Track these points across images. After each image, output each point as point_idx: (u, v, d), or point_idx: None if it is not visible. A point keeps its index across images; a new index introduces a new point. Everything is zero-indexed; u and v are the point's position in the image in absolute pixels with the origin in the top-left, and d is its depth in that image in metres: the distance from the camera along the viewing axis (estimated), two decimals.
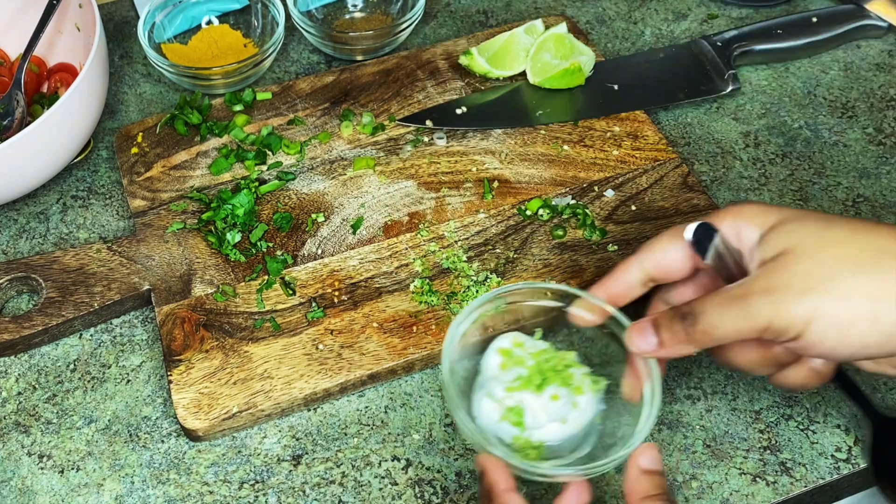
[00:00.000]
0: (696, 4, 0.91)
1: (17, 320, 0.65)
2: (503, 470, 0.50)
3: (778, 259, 0.48)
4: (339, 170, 0.74)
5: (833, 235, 0.48)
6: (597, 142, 0.76)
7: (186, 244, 0.70)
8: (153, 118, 0.79)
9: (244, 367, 0.62)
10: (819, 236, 0.48)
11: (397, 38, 0.85)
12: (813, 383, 0.52)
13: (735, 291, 0.49)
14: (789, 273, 0.47)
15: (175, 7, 0.85)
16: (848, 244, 0.48)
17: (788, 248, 0.48)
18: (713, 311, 0.49)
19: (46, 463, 0.60)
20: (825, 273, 0.47)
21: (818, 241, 0.48)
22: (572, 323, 0.57)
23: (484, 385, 0.55)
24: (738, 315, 0.48)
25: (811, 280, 0.47)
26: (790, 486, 0.58)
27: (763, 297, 0.47)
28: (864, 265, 0.47)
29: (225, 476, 0.59)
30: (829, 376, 0.52)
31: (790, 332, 0.47)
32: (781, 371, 0.52)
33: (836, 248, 0.48)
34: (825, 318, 0.46)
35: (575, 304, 0.57)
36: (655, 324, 0.52)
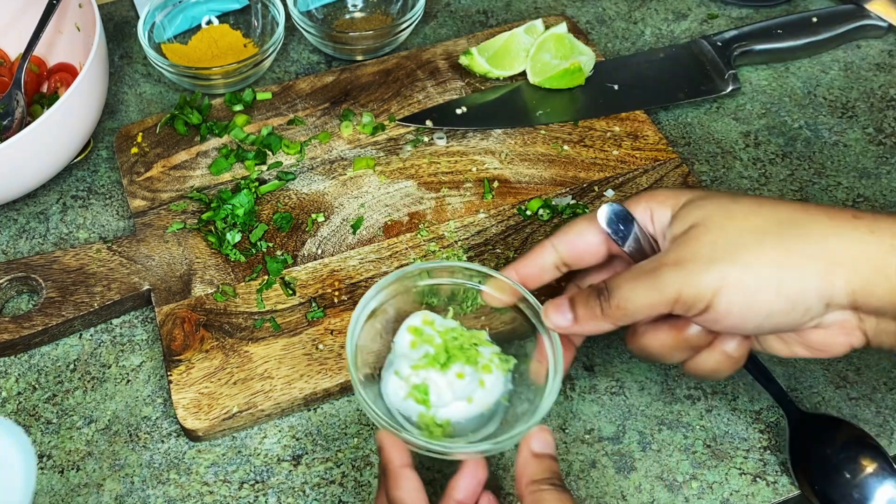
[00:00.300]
0: (696, 4, 0.91)
1: (17, 320, 0.65)
2: (399, 446, 0.50)
3: (687, 233, 0.50)
4: (339, 170, 0.74)
5: (739, 209, 0.50)
6: (597, 142, 0.76)
7: (186, 244, 0.69)
8: (153, 118, 0.79)
9: (244, 367, 0.62)
10: (725, 209, 0.50)
11: (397, 38, 0.85)
12: (725, 368, 0.52)
13: (647, 266, 0.50)
14: (697, 244, 0.49)
15: (175, 7, 0.85)
16: (753, 216, 0.49)
17: (697, 222, 0.50)
18: (626, 285, 0.50)
19: (46, 463, 0.60)
20: (731, 243, 0.48)
21: (724, 214, 0.49)
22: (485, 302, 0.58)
23: (393, 362, 0.55)
24: (649, 288, 0.49)
25: (718, 250, 0.48)
26: (790, 487, 0.58)
27: (673, 268, 0.48)
28: (768, 235, 0.48)
29: (225, 476, 0.59)
30: (742, 361, 0.52)
31: (700, 302, 0.48)
32: (694, 358, 0.52)
33: (742, 220, 0.49)
34: (732, 285, 0.47)
35: (487, 283, 0.57)
36: (572, 300, 0.53)
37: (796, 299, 0.47)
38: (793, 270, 0.47)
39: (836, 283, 0.47)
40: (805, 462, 0.57)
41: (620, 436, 0.60)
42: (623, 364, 0.64)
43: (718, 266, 0.48)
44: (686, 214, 0.51)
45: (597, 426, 0.61)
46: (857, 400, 0.61)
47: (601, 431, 0.61)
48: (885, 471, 0.55)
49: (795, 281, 0.47)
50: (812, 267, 0.47)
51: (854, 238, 0.47)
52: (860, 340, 0.50)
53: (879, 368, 0.63)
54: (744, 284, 0.47)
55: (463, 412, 0.53)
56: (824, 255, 0.47)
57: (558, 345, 0.53)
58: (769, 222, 0.49)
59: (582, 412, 0.61)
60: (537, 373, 0.54)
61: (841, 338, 0.50)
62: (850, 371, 0.63)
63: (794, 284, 0.47)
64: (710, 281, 0.47)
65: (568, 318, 0.52)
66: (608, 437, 0.60)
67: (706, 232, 0.49)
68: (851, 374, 0.63)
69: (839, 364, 0.63)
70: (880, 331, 0.49)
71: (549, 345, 0.54)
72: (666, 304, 0.49)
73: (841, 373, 0.63)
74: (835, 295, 0.47)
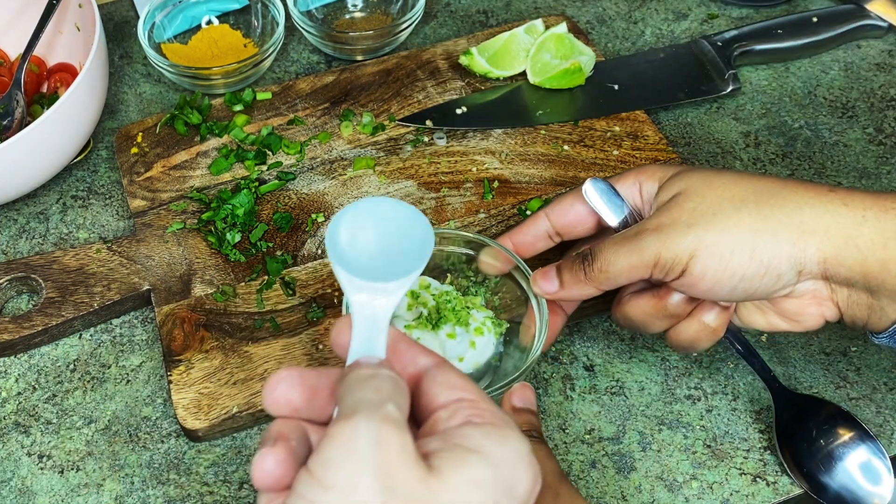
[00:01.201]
0: (696, 4, 0.91)
1: (17, 320, 0.65)
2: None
3: (670, 201, 0.52)
4: (339, 170, 0.74)
5: (720, 180, 0.52)
6: (597, 142, 0.76)
7: (186, 244, 0.69)
8: (153, 118, 0.79)
9: (244, 368, 0.62)
10: (708, 180, 0.52)
11: (397, 38, 0.85)
12: (704, 338, 0.55)
13: (629, 232, 0.53)
14: (678, 210, 0.51)
15: (175, 7, 0.85)
16: (733, 186, 0.51)
17: (680, 191, 0.52)
18: (609, 249, 0.52)
19: (46, 463, 0.60)
20: (710, 209, 0.50)
21: (706, 184, 0.52)
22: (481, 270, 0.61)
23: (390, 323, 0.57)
24: (630, 251, 0.51)
25: (696, 215, 0.50)
26: (790, 487, 0.58)
27: (653, 233, 0.51)
28: (746, 202, 0.50)
29: (225, 476, 0.59)
30: (720, 332, 0.54)
31: (677, 265, 0.50)
32: (675, 327, 0.55)
33: (722, 188, 0.51)
34: (707, 248, 0.49)
35: (483, 252, 0.60)
36: (558, 267, 0.56)
37: (769, 264, 0.49)
38: (767, 236, 0.49)
39: (807, 250, 0.49)
40: (789, 441, 0.58)
41: (620, 436, 0.60)
42: (623, 364, 0.64)
43: (695, 230, 0.50)
44: (671, 185, 0.53)
45: (597, 426, 0.61)
46: (858, 400, 0.61)
47: (601, 431, 0.61)
48: (860, 439, 0.57)
49: (769, 246, 0.49)
50: (785, 233, 0.49)
51: (828, 209, 0.49)
52: (833, 313, 0.52)
53: (879, 368, 0.63)
54: (719, 248, 0.49)
55: None
56: (798, 224, 0.49)
57: (545, 309, 0.56)
58: (748, 192, 0.51)
59: (582, 412, 0.61)
60: (526, 337, 0.58)
61: (813, 307, 0.52)
62: (850, 371, 0.63)
63: (767, 249, 0.49)
64: (687, 244, 0.50)
65: (554, 284, 0.55)
66: (608, 437, 0.60)
67: (687, 199, 0.51)
68: (851, 374, 0.63)
69: (839, 364, 0.63)
70: (852, 303, 0.50)
71: (536, 310, 0.57)
72: (646, 267, 0.51)
73: (841, 373, 0.63)
74: (806, 262, 0.49)
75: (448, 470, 0.35)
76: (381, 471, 0.34)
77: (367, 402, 0.36)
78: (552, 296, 0.56)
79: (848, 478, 0.56)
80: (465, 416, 0.37)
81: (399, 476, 0.34)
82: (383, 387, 0.37)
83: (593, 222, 0.58)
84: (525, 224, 0.60)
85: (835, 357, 0.64)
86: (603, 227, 0.58)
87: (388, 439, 0.34)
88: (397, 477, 0.34)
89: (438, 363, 0.40)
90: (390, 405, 0.36)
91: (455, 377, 0.39)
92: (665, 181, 0.54)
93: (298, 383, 0.39)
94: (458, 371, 0.40)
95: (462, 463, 0.35)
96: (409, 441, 0.35)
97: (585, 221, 0.58)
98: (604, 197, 0.56)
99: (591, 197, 0.56)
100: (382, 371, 0.38)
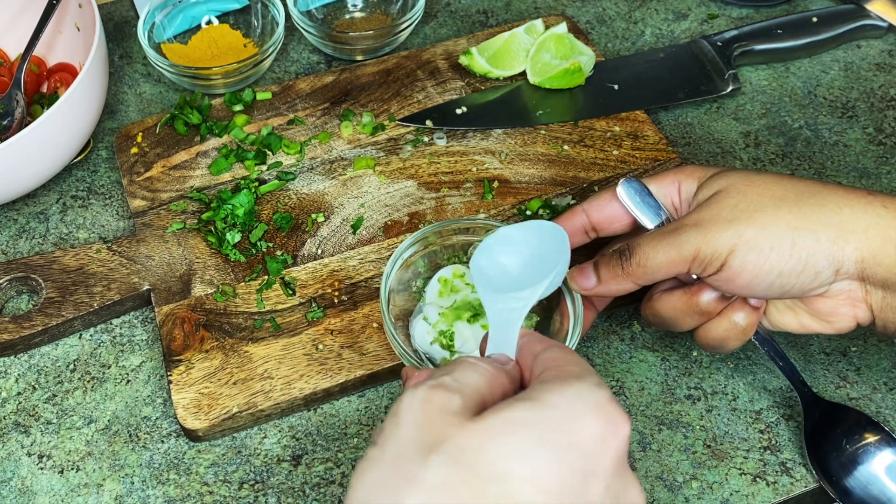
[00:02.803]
0: (696, 4, 0.91)
1: (17, 320, 0.65)
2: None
3: (710, 198, 0.53)
4: (339, 170, 0.74)
5: (761, 178, 0.53)
6: (597, 142, 0.76)
7: (186, 244, 0.69)
8: (153, 118, 0.79)
9: (244, 368, 0.62)
10: (748, 179, 0.53)
11: (397, 38, 0.85)
12: (733, 338, 0.55)
13: (668, 227, 0.53)
14: (718, 207, 0.52)
15: (175, 7, 0.85)
16: (773, 185, 0.52)
17: (720, 189, 0.53)
18: (647, 244, 0.53)
19: (46, 463, 0.60)
20: (750, 206, 0.51)
21: (747, 182, 0.53)
22: None
23: (423, 309, 0.60)
24: (669, 245, 0.52)
25: (737, 212, 0.51)
26: (790, 487, 0.58)
27: (693, 228, 0.52)
28: (786, 201, 0.51)
29: (225, 476, 0.59)
30: (749, 332, 0.55)
31: (716, 260, 0.51)
32: (704, 325, 0.55)
33: (762, 187, 0.52)
34: (747, 244, 0.50)
35: None
36: (595, 264, 0.56)
37: (808, 261, 0.50)
38: (806, 233, 0.49)
39: (846, 249, 0.49)
40: (816, 445, 0.58)
41: None
42: (623, 364, 0.64)
43: (736, 226, 0.51)
44: (711, 183, 0.54)
45: None
46: (858, 400, 0.61)
47: None
48: (886, 443, 0.57)
49: (808, 243, 0.49)
50: (825, 232, 0.50)
51: (867, 210, 0.50)
52: (865, 315, 0.52)
53: (879, 368, 0.63)
54: (758, 244, 0.50)
55: None
56: (838, 222, 0.50)
57: (580, 305, 0.57)
58: (788, 191, 0.52)
59: None
60: (559, 331, 0.59)
61: (846, 308, 0.52)
62: (850, 371, 0.63)
63: (806, 246, 0.49)
64: (727, 239, 0.50)
65: (592, 280, 0.56)
66: None
67: (727, 196, 0.52)
68: (851, 374, 0.63)
69: (839, 364, 0.63)
70: (886, 305, 0.51)
71: (570, 305, 0.58)
72: (684, 262, 0.52)
73: (841, 373, 0.63)
74: (844, 261, 0.50)
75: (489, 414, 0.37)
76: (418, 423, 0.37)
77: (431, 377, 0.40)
78: (589, 292, 0.56)
79: (873, 482, 0.55)
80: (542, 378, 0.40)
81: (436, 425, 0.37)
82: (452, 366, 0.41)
83: (630, 220, 0.59)
84: (562, 219, 0.60)
85: (835, 357, 0.64)
86: (639, 225, 0.58)
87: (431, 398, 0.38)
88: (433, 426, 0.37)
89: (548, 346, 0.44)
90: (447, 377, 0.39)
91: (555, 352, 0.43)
92: (705, 180, 0.55)
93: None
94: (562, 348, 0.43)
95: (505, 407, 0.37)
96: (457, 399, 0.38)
97: (622, 218, 0.59)
98: (637, 197, 0.57)
99: (623, 197, 0.57)
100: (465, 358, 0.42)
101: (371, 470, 0.37)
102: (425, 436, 0.36)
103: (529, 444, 0.36)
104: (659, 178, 0.58)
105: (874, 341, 0.65)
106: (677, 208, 0.57)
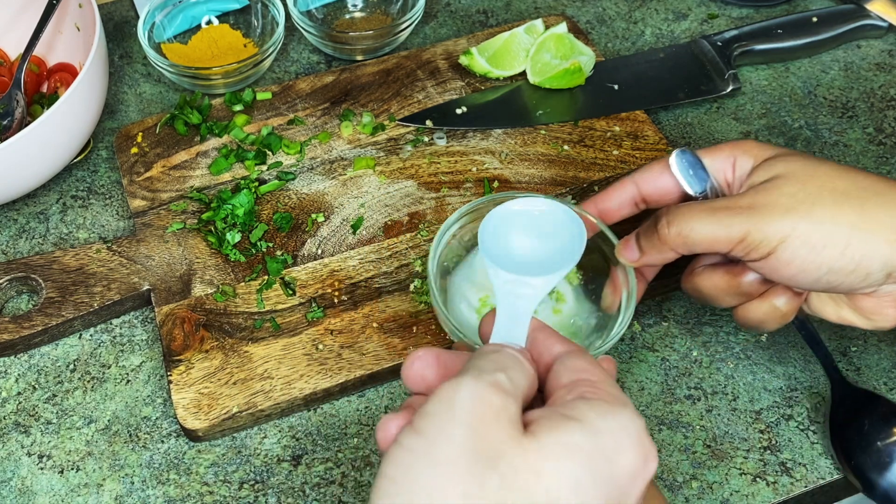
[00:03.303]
0: (696, 4, 0.91)
1: (17, 320, 0.65)
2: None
3: (766, 182, 0.51)
4: (339, 170, 0.74)
5: (824, 170, 0.51)
6: (597, 142, 0.76)
7: (186, 244, 0.69)
8: (153, 118, 0.79)
9: (244, 368, 0.62)
10: (809, 168, 0.51)
11: (397, 38, 0.85)
12: (773, 321, 0.54)
13: (718, 203, 0.52)
14: (776, 193, 0.50)
15: (175, 7, 0.85)
16: (836, 178, 0.51)
17: (779, 174, 0.51)
18: (692, 215, 0.51)
19: (46, 463, 0.60)
20: (810, 198, 0.50)
21: (808, 172, 0.51)
22: None
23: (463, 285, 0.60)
24: (716, 222, 0.50)
25: (795, 202, 0.50)
26: (790, 486, 0.58)
27: (746, 210, 0.50)
28: (849, 197, 0.49)
29: (225, 476, 0.59)
30: (789, 317, 0.54)
31: (763, 247, 0.49)
32: (745, 305, 0.54)
33: (824, 179, 0.50)
34: (800, 237, 0.49)
35: None
36: (637, 235, 0.55)
37: (860, 262, 0.49)
38: (864, 234, 0.48)
39: None
40: (842, 434, 0.58)
41: None
42: (623, 364, 0.64)
43: (791, 216, 0.49)
44: (770, 166, 0.53)
45: None
46: None
47: None
48: None
49: (863, 244, 0.48)
50: (882, 234, 0.48)
51: None
52: None
53: (879, 369, 0.63)
54: (811, 239, 0.49)
55: None
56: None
57: (633, 278, 0.57)
58: (851, 187, 0.50)
59: None
60: (610, 302, 0.58)
61: (891, 309, 0.52)
62: (850, 371, 0.63)
63: (861, 247, 0.48)
64: (780, 228, 0.49)
65: (635, 252, 0.55)
66: None
67: (786, 183, 0.51)
68: (852, 374, 0.63)
69: (839, 364, 0.63)
70: None
71: (622, 276, 0.57)
72: (729, 242, 0.50)
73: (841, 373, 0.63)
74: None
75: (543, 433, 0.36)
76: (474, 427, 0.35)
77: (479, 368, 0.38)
78: (635, 263, 0.56)
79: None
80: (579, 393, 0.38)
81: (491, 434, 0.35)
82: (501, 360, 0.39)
83: (680, 191, 0.57)
84: (611, 189, 0.59)
85: (835, 357, 0.64)
86: (689, 197, 0.57)
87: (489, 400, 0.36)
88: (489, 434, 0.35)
89: (571, 350, 0.42)
90: (501, 374, 0.37)
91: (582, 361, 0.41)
92: (762, 160, 0.53)
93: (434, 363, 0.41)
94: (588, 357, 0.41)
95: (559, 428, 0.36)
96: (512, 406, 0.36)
97: (673, 191, 0.57)
98: (690, 169, 0.56)
99: (675, 168, 0.56)
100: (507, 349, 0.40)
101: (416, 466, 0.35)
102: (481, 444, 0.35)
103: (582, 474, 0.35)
104: (714, 151, 0.56)
105: (874, 341, 0.65)
106: (730, 184, 0.55)
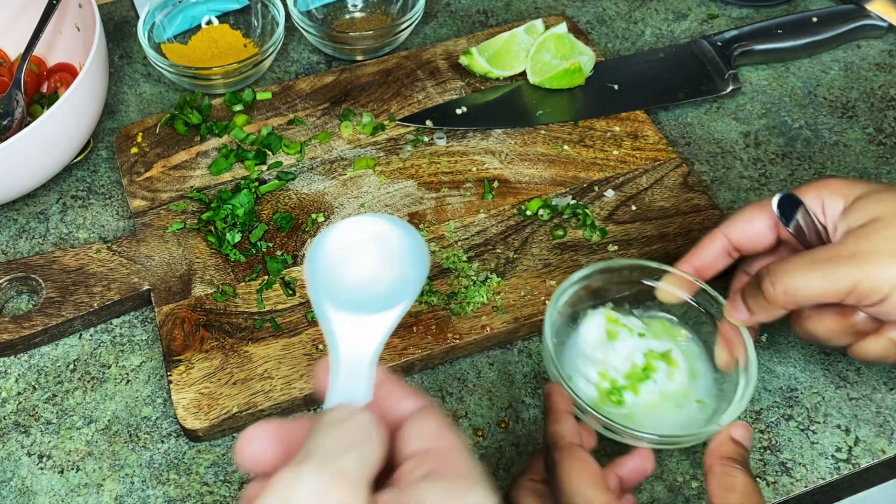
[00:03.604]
0: (696, 4, 0.91)
1: (17, 320, 0.65)
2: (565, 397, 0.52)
3: (865, 226, 0.50)
4: (339, 170, 0.74)
5: None
6: (597, 142, 0.76)
7: (186, 244, 0.69)
8: (153, 118, 0.79)
9: (244, 368, 0.62)
10: None
11: (397, 38, 0.85)
12: (893, 355, 0.53)
13: (820, 255, 0.50)
14: (878, 238, 0.49)
15: (175, 7, 0.85)
16: None
17: (876, 217, 0.50)
18: (798, 272, 0.50)
19: (46, 463, 0.60)
20: None
21: None
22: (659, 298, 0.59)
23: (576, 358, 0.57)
24: (823, 277, 0.49)
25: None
26: (790, 486, 0.58)
27: (850, 260, 0.49)
28: None
29: (225, 476, 0.59)
30: None
31: (875, 295, 0.49)
32: (859, 342, 0.53)
33: None
34: None
35: (663, 279, 0.59)
36: (743, 294, 0.54)
37: None
38: None
39: None
40: None
41: None
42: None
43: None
44: (864, 207, 0.52)
45: None
46: (857, 400, 0.61)
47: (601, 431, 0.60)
48: None
49: None
50: None
51: None
52: None
53: (879, 368, 0.63)
54: None
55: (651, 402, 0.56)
56: None
57: (748, 338, 0.55)
58: None
59: None
60: (726, 359, 0.57)
61: None
62: (850, 371, 0.63)
63: None
64: (889, 275, 0.48)
65: (745, 313, 0.54)
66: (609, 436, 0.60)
67: (886, 227, 0.50)
68: (852, 374, 0.63)
69: (839, 364, 0.63)
70: None
71: (732, 331, 0.56)
72: (838, 294, 0.50)
73: (841, 373, 0.63)
74: None
75: None
76: None
77: (324, 450, 0.32)
78: (746, 323, 0.55)
79: None
80: (426, 470, 0.34)
81: None
82: (349, 435, 0.33)
83: (773, 238, 0.56)
84: (702, 246, 0.58)
85: (835, 357, 0.64)
86: (782, 241, 0.56)
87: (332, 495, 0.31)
88: None
89: (422, 408, 0.37)
90: (349, 457, 0.32)
91: (431, 425, 0.36)
92: (853, 201, 0.53)
93: (271, 439, 0.35)
94: (438, 418, 0.36)
95: None
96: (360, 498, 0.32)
97: (765, 237, 0.56)
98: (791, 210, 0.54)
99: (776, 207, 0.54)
100: (357, 417, 0.34)
101: None
102: None
103: None
104: (801, 192, 0.55)
105: None
106: (822, 226, 0.54)
